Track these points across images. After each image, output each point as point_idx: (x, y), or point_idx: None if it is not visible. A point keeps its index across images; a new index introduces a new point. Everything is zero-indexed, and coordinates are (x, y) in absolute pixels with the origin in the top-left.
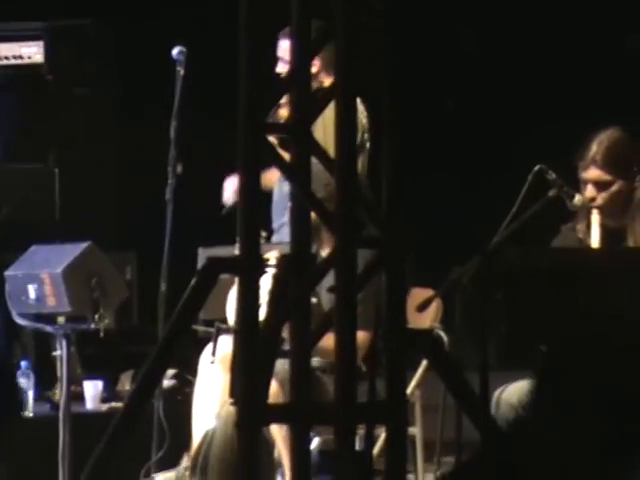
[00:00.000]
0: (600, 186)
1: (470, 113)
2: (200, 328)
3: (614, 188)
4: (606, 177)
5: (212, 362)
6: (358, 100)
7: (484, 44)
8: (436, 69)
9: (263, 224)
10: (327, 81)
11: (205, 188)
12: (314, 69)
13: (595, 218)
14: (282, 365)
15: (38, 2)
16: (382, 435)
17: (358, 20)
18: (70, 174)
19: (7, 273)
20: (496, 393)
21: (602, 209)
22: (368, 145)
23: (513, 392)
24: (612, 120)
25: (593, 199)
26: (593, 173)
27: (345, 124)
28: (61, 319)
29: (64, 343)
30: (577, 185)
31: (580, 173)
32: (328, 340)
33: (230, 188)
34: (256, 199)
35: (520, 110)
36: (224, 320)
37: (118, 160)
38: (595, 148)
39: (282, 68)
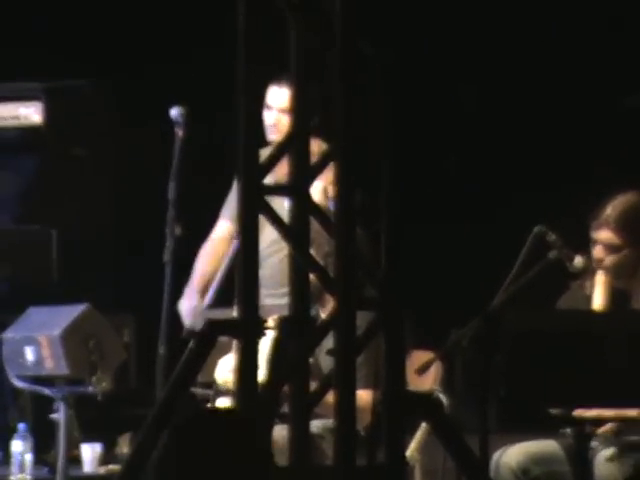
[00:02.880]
0: (609, 248)
1: (470, 171)
2: (198, 391)
3: (623, 252)
4: (617, 241)
5: None
6: None
7: (484, 102)
8: (435, 127)
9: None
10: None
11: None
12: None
13: (600, 279)
14: (280, 431)
15: (36, 62)
16: None
17: (356, 82)
18: (68, 235)
19: (4, 335)
20: (495, 456)
21: (609, 271)
22: None
23: (512, 455)
24: (612, 180)
25: (601, 260)
26: (604, 235)
27: (344, 186)
28: (59, 382)
29: (62, 406)
30: (581, 245)
31: (591, 232)
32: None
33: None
34: (255, 261)
35: (520, 169)
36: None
37: (116, 221)
38: (610, 210)
39: (269, 116)
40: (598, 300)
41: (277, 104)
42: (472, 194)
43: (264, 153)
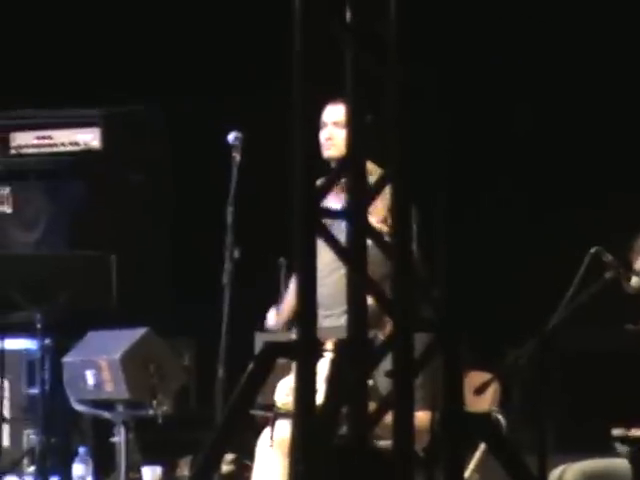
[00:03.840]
0: None
1: (524, 192)
2: (258, 413)
3: None
4: None
5: (270, 446)
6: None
7: (539, 122)
8: (491, 146)
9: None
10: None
11: (261, 273)
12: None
13: None
14: None
15: (94, 89)
16: None
17: (410, 104)
18: (127, 260)
19: (65, 359)
20: (553, 475)
21: None
22: None
23: (570, 475)
24: None
25: None
26: None
27: (401, 209)
28: (119, 405)
29: (122, 429)
30: None
31: None
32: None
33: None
34: (313, 284)
35: (577, 188)
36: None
37: (174, 246)
38: None
39: (323, 133)
40: None
41: (331, 119)
42: (526, 215)
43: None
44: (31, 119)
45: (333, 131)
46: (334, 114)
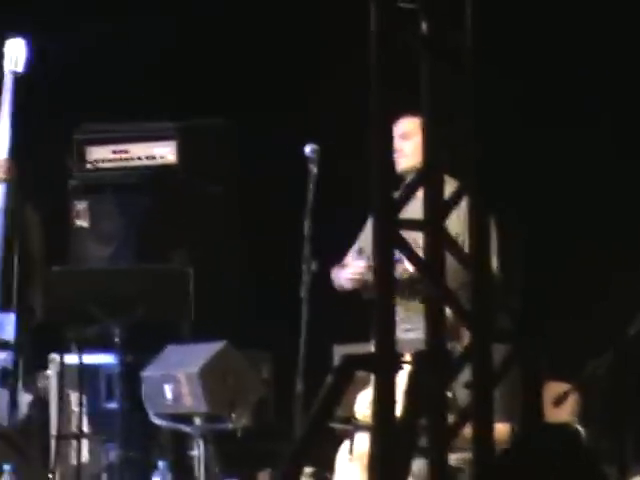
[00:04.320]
0: None
1: (600, 201)
2: (337, 425)
3: None
4: None
5: (349, 460)
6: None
7: (620, 141)
8: (571, 160)
9: None
10: None
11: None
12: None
13: None
14: (417, 465)
15: (170, 102)
16: None
17: (488, 113)
18: (204, 273)
19: (144, 374)
20: None
21: None
22: None
23: None
24: None
25: None
26: None
27: (478, 220)
28: (198, 419)
29: (201, 443)
30: None
31: None
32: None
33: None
34: (391, 296)
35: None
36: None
37: (250, 258)
38: None
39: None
40: None
41: (397, 131)
42: (604, 225)
43: None
44: (107, 133)
45: (400, 144)
46: (400, 127)
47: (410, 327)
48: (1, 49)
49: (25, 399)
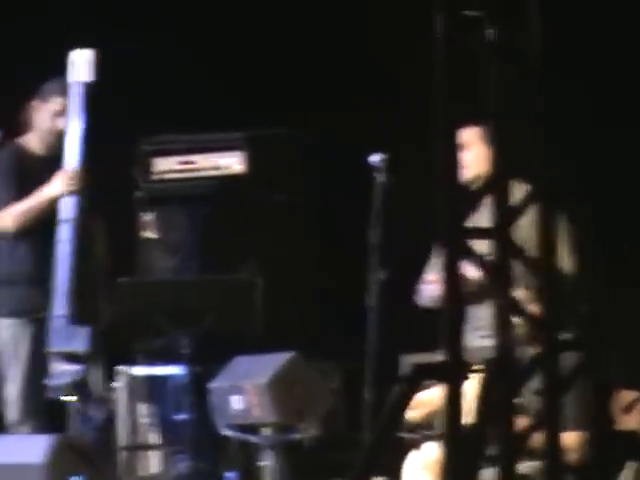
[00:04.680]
0: None
1: None
2: (405, 435)
3: None
4: None
5: (419, 468)
6: None
7: None
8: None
9: None
10: None
11: (406, 294)
12: None
13: None
14: (487, 474)
15: (236, 113)
16: None
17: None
18: (271, 283)
19: (212, 385)
20: None
21: None
22: None
23: None
24: None
25: None
26: None
27: (547, 226)
28: (266, 429)
29: (270, 453)
30: None
31: None
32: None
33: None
34: (459, 305)
35: None
36: (428, 426)
37: (318, 268)
38: None
39: None
40: None
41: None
42: None
43: None
44: (173, 144)
45: (460, 155)
46: (459, 137)
47: (485, 334)
48: (69, 59)
49: (96, 411)
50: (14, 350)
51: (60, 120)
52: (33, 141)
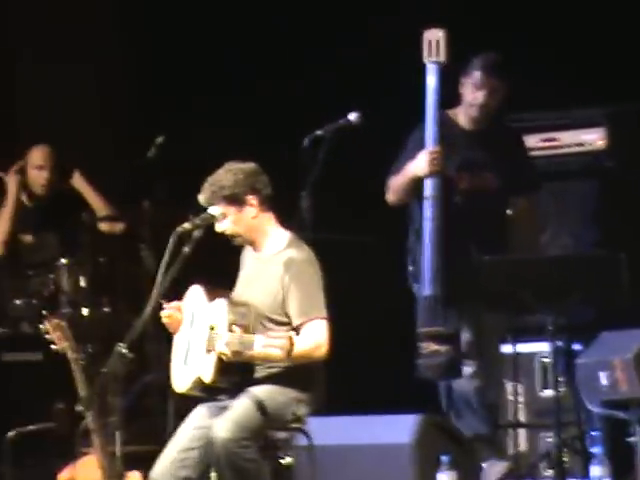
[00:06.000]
0: None
1: None
2: None
3: None
4: None
5: None
6: None
7: None
8: None
9: None
10: None
11: None
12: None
13: None
14: None
15: (598, 88)
16: None
17: None
18: (636, 258)
19: (578, 361)
20: None
21: None
22: None
23: None
24: None
25: None
26: None
27: None
28: (634, 405)
29: (638, 429)
30: None
31: None
32: None
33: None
34: None
35: None
36: None
37: None
38: None
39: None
40: None
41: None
42: None
43: None
44: (537, 121)
45: None
46: None
47: None
48: (423, 39)
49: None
50: None
51: (479, 93)
52: (460, 114)
